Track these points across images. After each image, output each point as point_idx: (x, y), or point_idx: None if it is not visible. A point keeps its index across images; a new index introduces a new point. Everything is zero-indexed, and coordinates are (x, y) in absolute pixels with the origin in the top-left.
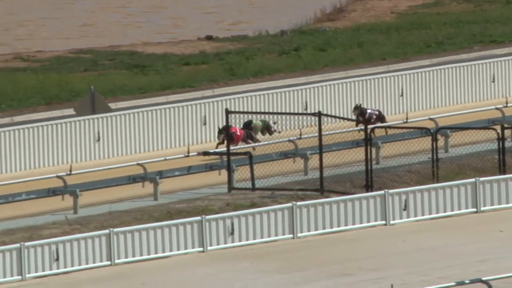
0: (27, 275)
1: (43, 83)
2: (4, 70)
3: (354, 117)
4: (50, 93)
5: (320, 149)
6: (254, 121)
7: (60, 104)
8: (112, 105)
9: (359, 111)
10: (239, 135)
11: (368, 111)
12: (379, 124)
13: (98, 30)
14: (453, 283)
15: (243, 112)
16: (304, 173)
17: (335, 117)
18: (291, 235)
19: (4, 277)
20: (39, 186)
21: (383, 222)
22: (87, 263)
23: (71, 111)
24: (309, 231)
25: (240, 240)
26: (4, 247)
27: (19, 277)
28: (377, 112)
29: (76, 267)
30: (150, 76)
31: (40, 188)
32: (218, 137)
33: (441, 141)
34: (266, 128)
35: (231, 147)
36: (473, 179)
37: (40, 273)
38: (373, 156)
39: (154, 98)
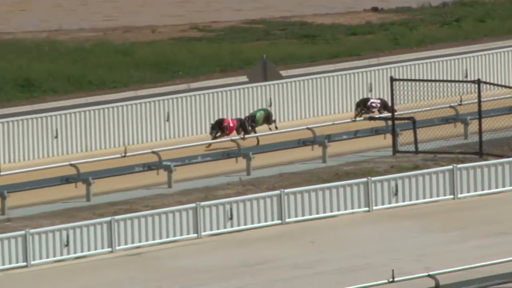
0: (203, 233)
1: (218, 52)
2: (182, 40)
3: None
4: (224, 61)
5: (480, 114)
6: (257, 114)
7: (234, 71)
8: (283, 73)
9: (363, 103)
10: (232, 127)
11: (371, 100)
12: None
13: (270, 1)
14: None
15: (407, 80)
16: (464, 137)
17: (493, 84)
18: (451, 196)
19: (181, 234)
20: (215, 149)
21: None
22: (259, 222)
23: (244, 78)
24: (468, 192)
25: (403, 201)
26: (181, 206)
27: (195, 234)
28: (379, 101)
29: (249, 226)
30: (319, 45)
31: (215, 151)
32: (211, 133)
33: None
34: (267, 118)
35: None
36: None
37: (214, 231)
38: None
39: (323, 66)
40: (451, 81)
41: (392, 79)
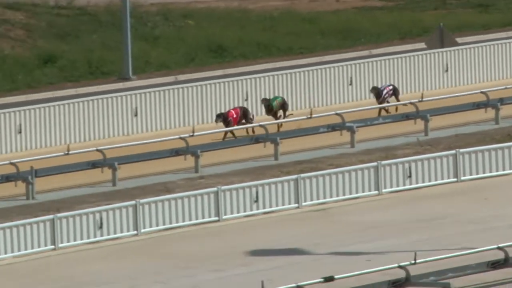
0: (383, 190)
1: (398, 20)
2: (364, 9)
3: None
4: (403, 29)
5: None
6: (274, 101)
7: (412, 39)
8: (459, 40)
9: (376, 91)
10: (236, 118)
11: (384, 89)
12: None
13: None
14: None
15: None
16: None
17: None
18: None
19: (363, 191)
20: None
21: None
22: (435, 180)
23: (422, 45)
24: None
25: None
26: (363, 165)
27: (376, 191)
28: (391, 87)
29: (426, 183)
30: (493, 14)
31: (395, 113)
32: (216, 121)
33: None
34: (282, 105)
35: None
36: None
37: (394, 188)
38: None
39: (496, 34)
40: None
41: None
